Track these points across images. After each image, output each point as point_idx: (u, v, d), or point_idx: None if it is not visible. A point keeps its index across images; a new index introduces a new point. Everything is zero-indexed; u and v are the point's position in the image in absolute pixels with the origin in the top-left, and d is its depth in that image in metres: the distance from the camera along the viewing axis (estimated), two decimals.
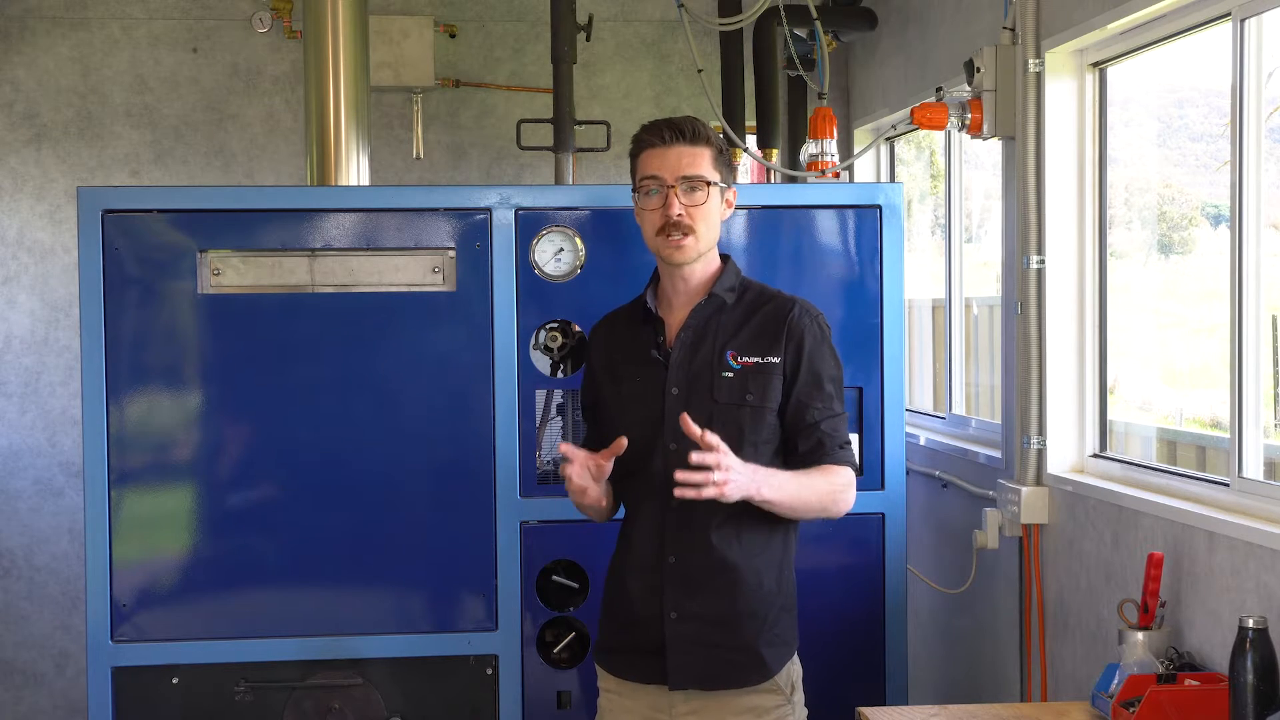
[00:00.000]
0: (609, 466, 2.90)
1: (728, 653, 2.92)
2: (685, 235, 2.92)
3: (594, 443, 3.09)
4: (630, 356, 3.03)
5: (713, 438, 2.73)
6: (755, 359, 2.94)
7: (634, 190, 3.01)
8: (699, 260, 2.97)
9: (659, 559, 2.94)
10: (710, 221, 2.95)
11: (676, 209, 2.91)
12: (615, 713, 3.03)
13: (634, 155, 3.00)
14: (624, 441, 2.85)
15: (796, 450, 2.94)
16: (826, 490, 2.91)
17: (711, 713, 2.93)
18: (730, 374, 2.93)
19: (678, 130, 2.94)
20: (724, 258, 3.05)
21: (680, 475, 2.73)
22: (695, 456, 2.73)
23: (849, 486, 2.95)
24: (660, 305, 3.04)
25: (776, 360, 2.94)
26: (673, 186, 2.91)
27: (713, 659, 2.92)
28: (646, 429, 2.94)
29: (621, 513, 3.09)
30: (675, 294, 3.01)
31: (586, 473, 2.89)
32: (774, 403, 2.94)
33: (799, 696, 3.01)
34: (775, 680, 2.94)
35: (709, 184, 2.93)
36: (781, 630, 2.96)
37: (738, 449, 2.87)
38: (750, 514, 2.89)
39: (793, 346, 2.94)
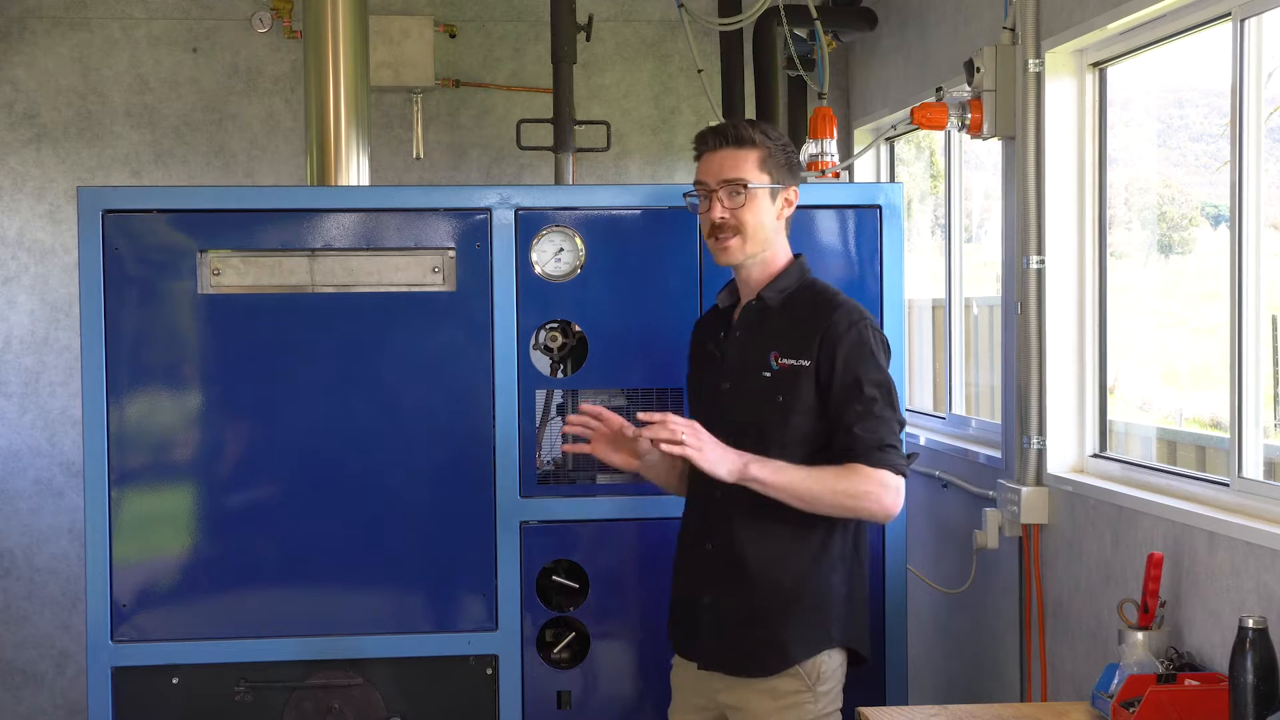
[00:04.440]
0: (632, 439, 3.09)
1: (750, 643, 3.06)
2: (731, 236, 3.04)
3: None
4: (702, 350, 3.24)
5: (655, 415, 2.90)
6: (791, 361, 3.04)
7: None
8: (754, 261, 3.09)
9: (700, 544, 3.12)
10: (759, 222, 3.06)
11: (718, 213, 3.04)
12: (676, 685, 3.25)
13: (695, 160, 3.16)
14: (632, 429, 3.06)
15: (834, 451, 3.02)
16: (843, 487, 2.95)
17: (737, 689, 3.09)
18: (768, 374, 3.05)
19: (722, 135, 3.07)
20: (795, 256, 3.16)
21: (644, 416, 2.90)
22: (645, 416, 2.91)
23: (884, 488, 2.96)
24: (737, 301, 3.20)
25: (808, 364, 3.02)
26: (714, 191, 3.05)
27: (736, 647, 3.07)
28: (705, 419, 3.06)
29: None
30: (743, 291, 3.18)
31: (611, 441, 3.11)
32: (803, 405, 3.02)
33: (824, 689, 3.06)
34: (799, 668, 3.03)
35: (748, 186, 3.03)
36: (809, 627, 3.04)
37: (765, 448, 3.01)
38: (780, 510, 2.98)
39: (826, 351, 3.01)
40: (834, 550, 3.06)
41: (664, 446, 2.88)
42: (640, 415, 2.91)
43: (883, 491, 2.96)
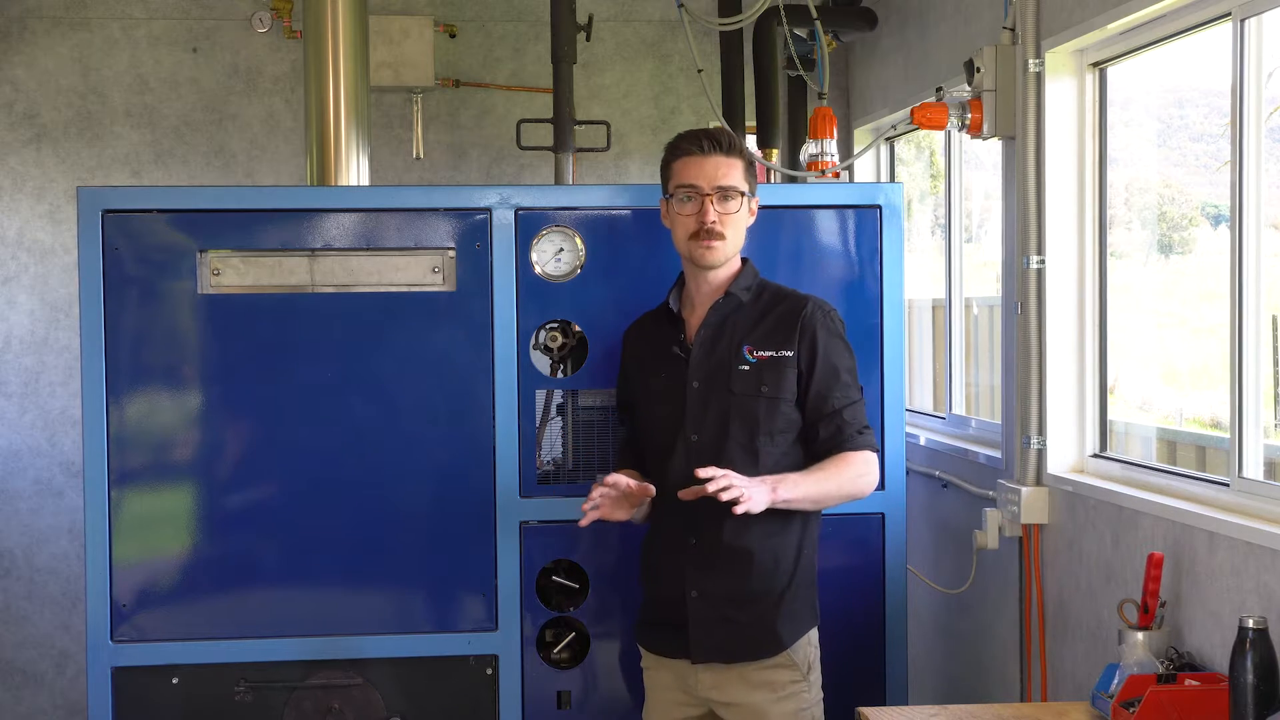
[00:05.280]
0: (645, 496, 3.14)
1: (745, 628, 3.13)
2: (716, 240, 3.14)
3: (631, 440, 3.38)
4: (656, 354, 3.26)
5: (715, 471, 2.94)
6: (770, 353, 3.15)
7: (666, 195, 3.22)
8: (724, 264, 3.19)
9: (682, 541, 3.16)
10: (739, 228, 3.19)
11: (712, 216, 3.13)
12: (654, 688, 3.28)
13: (669, 162, 3.21)
14: (652, 489, 3.11)
15: (818, 437, 3.16)
16: (846, 478, 3.13)
17: (731, 685, 3.14)
18: (746, 367, 3.15)
19: (715, 141, 3.16)
20: (743, 260, 3.27)
21: (704, 472, 2.93)
22: (704, 472, 2.94)
23: (870, 467, 3.17)
24: (683, 306, 3.26)
25: (790, 354, 3.15)
26: (709, 195, 3.13)
27: (731, 634, 3.13)
28: (670, 421, 3.18)
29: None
30: (698, 294, 3.23)
31: (620, 502, 3.14)
32: (788, 394, 3.14)
33: (815, 677, 3.20)
34: (790, 655, 3.14)
35: (741, 194, 3.16)
36: (798, 606, 3.17)
37: (754, 439, 3.13)
38: None
39: (806, 342, 3.15)
40: (812, 529, 3.22)
41: (722, 497, 2.91)
42: (700, 472, 2.94)
43: (870, 470, 3.17)
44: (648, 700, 3.31)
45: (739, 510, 2.92)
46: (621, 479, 3.10)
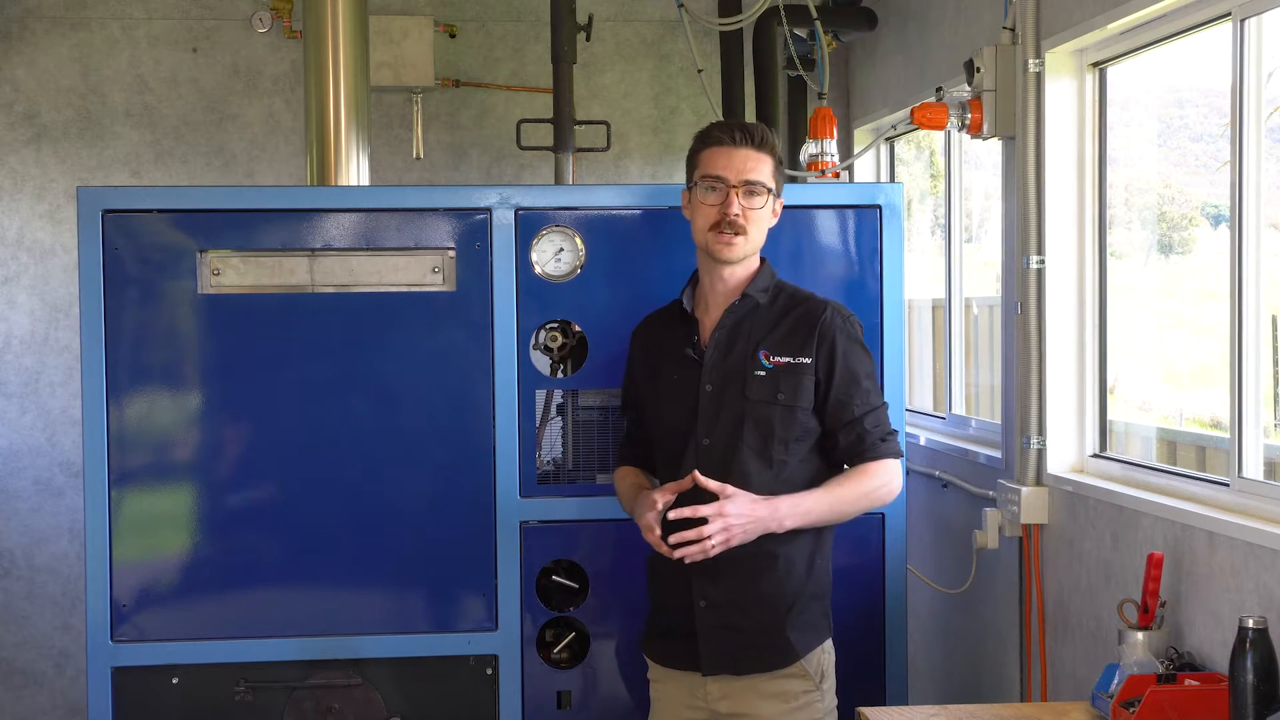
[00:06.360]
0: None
1: (755, 637, 3.05)
2: (737, 235, 3.05)
3: (634, 440, 3.32)
4: (667, 355, 3.17)
5: (718, 486, 2.93)
6: (787, 359, 3.06)
7: (690, 183, 3.12)
8: (741, 262, 3.10)
9: None
10: (761, 226, 3.09)
11: (735, 208, 3.03)
12: (660, 700, 3.20)
13: (698, 150, 3.12)
14: (672, 497, 3.04)
15: (838, 445, 3.08)
16: (864, 492, 3.06)
17: (741, 696, 3.06)
18: (762, 373, 3.06)
19: (748, 134, 3.07)
20: (761, 260, 3.17)
21: (675, 538, 2.92)
22: (688, 512, 2.93)
23: (892, 475, 3.10)
24: (697, 305, 3.18)
25: (808, 361, 3.06)
26: (735, 187, 3.04)
27: (741, 644, 3.06)
28: (681, 424, 3.09)
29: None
30: (713, 293, 3.14)
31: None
32: (805, 402, 3.06)
33: (829, 685, 3.12)
34: (803, 665, 3.06)
35: (768, 191, 3.07)
36: (810, 616, 3.09)
37: (768, 446, 3.04)
38: None
39: (825, 348, 3.07)
40: (825, 538, 3.14)
41: (710, 552, 2.93)
42: (672, 514, 2.94)
43: (892, 479, 3.10)
44: (653, 713, 3.25)
45: (712, 554, 2.94)
46: (658, 500, 3.05)
